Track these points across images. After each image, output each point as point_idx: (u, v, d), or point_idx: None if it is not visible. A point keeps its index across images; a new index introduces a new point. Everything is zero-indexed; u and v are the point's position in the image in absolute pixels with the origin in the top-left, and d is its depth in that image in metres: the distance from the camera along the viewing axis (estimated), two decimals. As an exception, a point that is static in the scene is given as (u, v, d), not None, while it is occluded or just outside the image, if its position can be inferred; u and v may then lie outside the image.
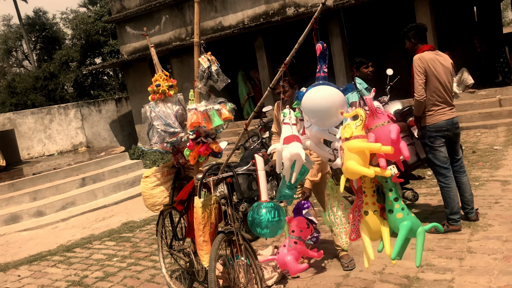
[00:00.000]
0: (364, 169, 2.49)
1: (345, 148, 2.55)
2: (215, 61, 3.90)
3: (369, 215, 2.72)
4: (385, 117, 2.67)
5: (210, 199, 3.74)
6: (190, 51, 15.25)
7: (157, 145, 4.06)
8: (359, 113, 2.58)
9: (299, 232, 3.25)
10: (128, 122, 18.44)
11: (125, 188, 10.22)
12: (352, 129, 2.56)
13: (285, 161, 2.87)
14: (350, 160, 2.52)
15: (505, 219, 4.99)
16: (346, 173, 2.59)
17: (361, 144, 2.54)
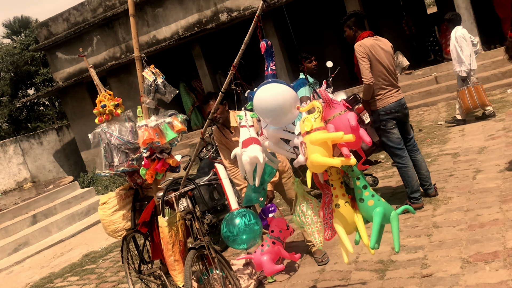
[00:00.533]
0: (329, 160, 2.46)
1: (307, 141, 2.51)
2: (159, 74, 3.78)
3: (341, 207, 2.69)
4: (341, 106, 2.66)
5: (175, 216, 3.61)
6: (127, 69, 14.97)
7: (123, 165, 3.87)
8: (316, 106, 2.55)
9: (279, 233, 3.17)
10: (73, 150, 17.76)
11: (80, 218, 9.80)
12: (311, 122, 2.52)
13: (246, 166, 2.80)
14: (314, 153, 2.48)
15: (462, 190, 5.14)
16: (311, 167, 2.55)
17: (323, 135, 2.50)
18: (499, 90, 9.62)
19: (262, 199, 3.12)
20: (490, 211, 4.42)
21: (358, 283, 3.94)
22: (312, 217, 3.10)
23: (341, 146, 2.56)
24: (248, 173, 2.84)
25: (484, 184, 5.10)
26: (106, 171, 4.03)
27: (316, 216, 3.08)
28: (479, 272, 3.51)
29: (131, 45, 14.72)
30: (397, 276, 3.85)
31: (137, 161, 3.98)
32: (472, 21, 10.50)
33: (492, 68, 10.22)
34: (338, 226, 2.70)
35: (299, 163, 2.77)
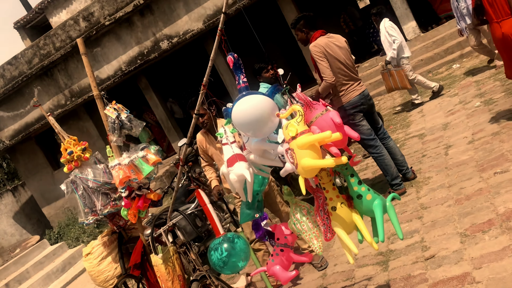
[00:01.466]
0: (322, 162, 2.40)
1: (295, 147, 2.44)
2: (123, 109, 3.64)
3: (337, 209, 2.63)
4: (321, 106, 2.62)
5: (168, 252, 3.44)
6: (75, 115, 14.53)
7: (106, 207, 3.67)
8: (296, 109, 2.49)
9: (284, 239, 3.08)
10: (32, 208, 16.99)
11: (56, 277, 9.30)
12: (295, 126, 2.46)
13: (235, 184, 2.70)
14: (304, 157, 2.41)
15: (439, 167, 5.22)
16: (303, 172, 2.47)
17: (310, 137, 2.44)
18: (445, 67, 9.95)
19: (258, 215, 3.03)
20: (471, 182, 4.49)
21: (364, 280, 3.89)
22: (307, 223, 2.99)
23: (329, 146, 2.51)
24: (239, 190, 2.74)
25: (458, 158, 5.20)
26: (90, 217, 3.81)
27: (311, 222, 2.98)
28: (479, 243, 3.53)
29: (74, 90, 14.33)
30: (401, 264, 3.82)
31: (119, 200, 3.79)
32: (406, 7, 10.86)
33: (433, 48, 10.58)
34: (338, 229, 2.64)
35: (286, 172, 2.68)
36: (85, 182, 3.67)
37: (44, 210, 16.02)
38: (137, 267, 3.72)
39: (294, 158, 2.45)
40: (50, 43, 14.14)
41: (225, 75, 12.74)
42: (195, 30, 12.17)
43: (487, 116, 5.98)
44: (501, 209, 3.78)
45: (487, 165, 4.66)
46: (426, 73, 10.24)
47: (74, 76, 14.17)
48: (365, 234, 2.61)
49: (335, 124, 2.49)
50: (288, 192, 2.98)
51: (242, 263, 3.11)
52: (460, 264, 3.40)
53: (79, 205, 3.73)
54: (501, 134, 5.19)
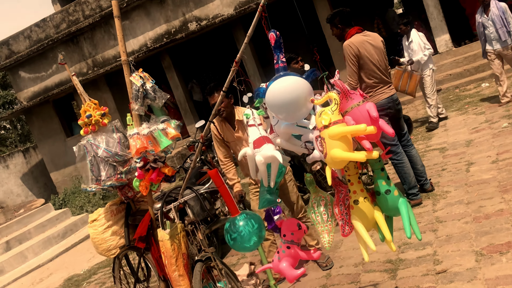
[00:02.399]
0: (352, 155, 2.30)
1: (326, 136, 2.34)
2: (148, 78, 3.55)
3: (360, 203, 2.53)
4: (359, 97, 2.51)
5: (176, 228, 3.37)
6: (95, 84, 14.53)
7: (110, 179, 3.59)
8: (332, 97, 2.39)
9: (291, 236, 2.97)
10: (41, 172, 17.08)
11: (57, 241, 9.33)
12: (329, 115, 2.36)
13: (260, 166, 2.60)
14: (335, 148, 2.31)
15: (458, 183, 5.08)
16: (331, 163, 2.38)
17: (343, 129, 2.34)
18: (474, 85, 9.74)
19: (280, 200, 2.93)
20: (492, 202, 4.35)
21: (370, 285, 3.78)
22: (322, 216, 2.89)
23: (361, 139, 2.40)
24: (263, 174, 2.64)
25: (480, 176, 5.05)
26: (93, 186, 3.75)
27: (326, 215, 2.88)
28: (496, 264, 3.40)
29: (97, 60, 14.33)
30: (410, 274, 3.71)
31: (126, 175, 3.72)
32: (441, 19, 10.64)
33: (464, 63, 10.36)
34: (357, 223, 2.54)
35: (314, 159, 2.60)
36: (95, 149, 3.60)
37: (52, 175, 16.09)
38: (142, 240, 3.65)
39: (324, 147, 2.35)
40: (79, 10, 14.14)
41: (249, 65, 12.63)
42: (225, 15, 12.06)
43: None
44: (522, 233, 3.65)
45: (511, 186, 4.51)
46: (453, 88, 10.04)
47: (99, 46, 14.16)
48: (386, 232, 2.51)
49: (371, 117, 2.39)
50: (310, 180, 2.88)
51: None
52: (473, 282, 3.28)
53: (88, 170, 3.66)
54: (528, 158, 5.04)
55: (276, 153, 2.52)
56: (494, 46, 7.55)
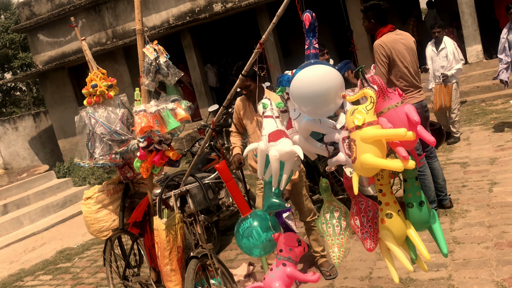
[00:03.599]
0: (388, 162, 1.99)
1: (357, 138, 2.03)
2: (163, 52, 3.27)
3: (394, 217, 2.22)
4: (397, 97, 2.20)
5: (174, 218, 3.09)
6: (112, 56, 14.28)
7: (104, 157, 3.33)
8: (368, 94, 2.07)
9: (288, 252, 2.59)
10: (49, 138, 16.93)
11: (55, 211, 9.14)
12: (364, 114, 2.04)
13: (273, 162, 2.30)
14: (366, 153, 2.00)
15: (480, 203, 4.75)
16: (360, 169, 2.07)
17: (380, 131, 2.03)
18: (501, 100, 9.32)
19: (289, 205, 2.62)
20: (517, 228, 4.03)
21: (376, 304, 3.49)
22: (334, 228, 2.58)
23: (396, 145, 2.09)
24: (275, 172, 2.34)
25: (504, 198, 4.72)
26: (86, 161, 3.48)
27: (339, 227, 2.56)
28: (518, 299, 3.10)
29: (118, 31, 14.06)
30: (421, 297, 3.41)
31: (121, 156, 3.45)
32: (475, 28, 10.20)
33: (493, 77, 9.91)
34: (390, 240, 2.22)
35: (337, 163, 2.29)
36: (94, 123, 3.33)
37: (60, 142, 15.95)
38: (137, 225, 3.39)
39: (353, 151, 2.04)
40: (104, -21, 13.85)
41: (270, 52, 12.27)
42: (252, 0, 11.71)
43: (543, 162, 5.47)
44: (549, 268, 3.33)
45: (538, 214, 4.18)
46: (480, 101, 9.63)
47: (121, 18, 13.89)
48: (424, 250, 2.21)
49: (410, 121, 2.08)
50: (326, 186, 2.57)
51: None
52: (491, 317, 2.98)
53: (84, 144, 3.39)
54: (558, 185, 4.69)
55: (297, 148, 2.21)
56: None
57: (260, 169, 2.55)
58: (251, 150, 2.57)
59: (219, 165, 2.73)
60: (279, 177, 2.40)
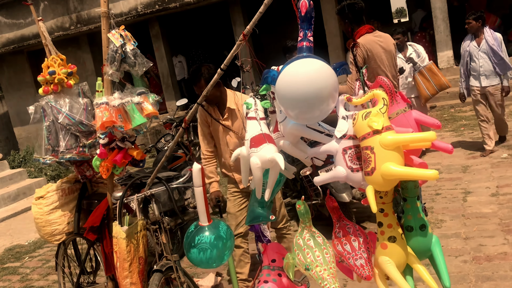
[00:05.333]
0: (420, 171, 1.74)
1: (376, 145, 1.77)
2: (130, 39, 2.94)
3: (398, 241, 1.97)
4: (403, 101, 1.97)
5: (136, 225, 2.77)
6: (76, 42, 13.63)
7: (70, 151, 2.97)
8: (380, 96, 1.82)
9: (282, 261, 2.33)
10: (4, 125, 16.07)
11: (6, 203, 8.56)
12: (381, 117, 1.79)
13: (255, 171, 2.02)
14: (389, 161, 1.75)
15: (455, 212, 4.63)
16: (379, 182, 1.79)
17: (408, 136, 1.81)
18: (470, 107, 9.31)
19: (274, 217, 2.34)
20: (494, 241, 3.91)
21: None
22: (325, 256, 2.18)
23: (411, 153, 1.89)
24: (257, 181, 2.06)
25: (478, 209, 4.61)
26: (48, 157, 3.12)
27: (329, 255, 2.20)
28: (501, 319, 2.94)
29: (82, 16, 13.41)
30: (399, 315, 3.20)
31: (89, 149, 3.10)
32: (448, 34, 10.20)
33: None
34: (391, 268, 1.96)
35: (333, 179, 1.98)
36: (56, 114, 2.97)
37: (15, 130, 15.16)
38: (94, 231, 3.05)
39: (370, 161, 1.77)
40: (70, -41, 13.18)
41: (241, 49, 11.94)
42: (224, -8, 11.37)
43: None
44: (531, 286, 3.20)
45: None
46: (449, 107, 9.64)
47: (86, 2, 13.25)
48: (428, 280, 1.97)
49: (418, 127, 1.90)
50: (305, 210, 2.18)
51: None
52: None
53: (43, 137, 3.02)
54: (532, 197, 4.62)
55: (278, 156, 1.93)
56: (482, 83, 6.14)
57: (245, 177, 2.27)
58: (237, 157, 2.28)
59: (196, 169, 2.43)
60: (263, 187, 2.13)
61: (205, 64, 3.40)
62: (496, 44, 6.00)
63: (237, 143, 3.45)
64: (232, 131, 3.43)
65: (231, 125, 3.43)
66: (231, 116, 3.44)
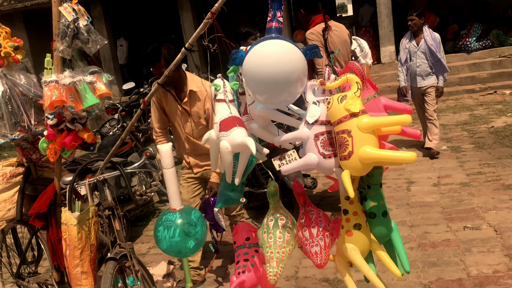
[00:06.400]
0: (399, 154, 1.74)
1: (354, 128, 1.75)
2: (84, 14, 2.75)
3: (363, 228, 1.98)
4: (372, 88, 1.97)
5: (88, 212, 2.62)
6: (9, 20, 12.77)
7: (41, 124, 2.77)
8: (354, 80, 1.81)
9: (255, 238, 2.33)
10: None
11: None
12: (358, 100, 1.78)
13: (225, 155, 1.95)
14: (367, 144, 1.74)
15: (400, 201, 4.79)
16: (356, 167, 1.77)
17: (385, 119, 1.83)
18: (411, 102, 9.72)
19: (245, 200, 2.28)
20: (438, 229, 4.07)
21: (302, 307, 3.30)
22: (276, 239, 2.21)
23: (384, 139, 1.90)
24: (227, 166, 1.99)
25: (422, 198, 4.80)
26: (16, 132, 2.85)
27: (282, 239, 2.21)
28: (447, 303, 3.07)
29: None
30: (351, 300, 3.27)
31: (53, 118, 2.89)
32: (391, 29, 10.52)
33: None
34: (356, 256, 1.97)
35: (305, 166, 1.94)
36: (13, 86, 2.75)
37: None
38: (40, 217, 2.85)
39: (347, 145, 1.75)
40: None
41: (188, 34, 11.72)
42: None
43: (454, 163, 5.68)
44: (473, 271, 3.36)
45: (456, 215, 4.27)
46: (391, 100, 9.97)
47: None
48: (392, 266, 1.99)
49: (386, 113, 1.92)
50: (274, 190, 2.23)
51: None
52: (424, 323, 2.91)
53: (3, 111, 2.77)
54: (471, 187, 4.85)
55: (248, 141, 1.88)
56: (418, 83, 6.08)
57: (214, 161, 2.19)
58: (207, 140, 2.20)
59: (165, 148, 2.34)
60: (234, 171, 2.06)
61: (164, 44, 3.27)
62: (434, 45, 5.94)
63: (193, 127, 3.36)
64: (190, 115, 3.34)
65: (190, 108, 3.33)
66: (190, 100, 3.33)
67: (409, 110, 1.97)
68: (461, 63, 10.16)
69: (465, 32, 10.46)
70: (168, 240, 2.38)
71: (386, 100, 2.02)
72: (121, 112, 6.71)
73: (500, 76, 9.47)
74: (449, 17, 11.30)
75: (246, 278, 2.16)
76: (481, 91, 9.29)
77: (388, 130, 1.88)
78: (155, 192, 5.19)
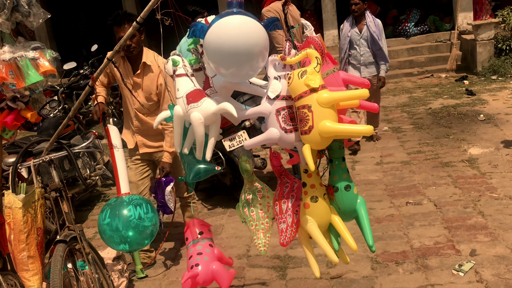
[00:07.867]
0: (356, 128, 1.80)
1: (314, 103, 1.77)
2: (24, -15, 2.58)
3: (319, 201, 2.01)
4: (331, 62, 2.00)
5: (34, 194, 2.50)
6: None
7: None
8: (314, 55, 1.82)
9: (209, 232, 2.36)
10: None
11: None
12: (318, 76, 1.79)
13: (197, 128, 1.92)
14: (326, 119, 1.76)
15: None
16: (316, 141, 1.80)
17: (344, 93, 1.85)
18: (353, 84, 9.99)
19: (220, 168, 2.26)
20: (382, 205, 4.25)
21: (256, 283, 3.35)
22: (258, 211, 2.26)
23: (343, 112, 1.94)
24: (199, 139, 1.94)
25: (366, 176, 4.97)
26: None
27: (263, 211, 2.26)
28: (393, 274, 3.22)
29: None
30: (301, 276, 3.36)
31: None
32: (334, 13, 10.69)
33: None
34: (313, 228, 2.01)
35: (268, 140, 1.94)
36: None
37: None
38: (-21, 201, 2.69)
39: (307, 119, 1.76)
40: None
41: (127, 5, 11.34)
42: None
43: (395, 143, 5.90)
44: (416, 243, 3.53)
45: (398, 192, 4.46)
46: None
47: None
48: (349, 240, 2.02)
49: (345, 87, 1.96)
50: (246, 165, 2.25)
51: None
52: (371, 293, 3.04)
53: None
54: (411, 165, 5.08)
55: (227, 105, 1.86)
56: (362, 73, 5.75)
57: (178, 140, 2.13)
58: (163, 119, 2.14)
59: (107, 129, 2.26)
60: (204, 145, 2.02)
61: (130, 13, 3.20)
62: (377, 32, 5.67)
63: (143, 101, 3.28)
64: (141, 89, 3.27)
65: (142, 82, 3.26)
66: (143, 73, 3.25)
67: (367, 84, 2.03)
68: (400, 47, 10.52)
69: (404, 17, 10.81)
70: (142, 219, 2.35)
71: (345, 74, 2.06)
72: (61, 94, 6.41)
73: (437, 60, 9.89)
74: (389, 2, 11.63)
75: (200, 271, 2.17)
76: (419, 75, 9.66)
77: (346, 104, 1.93)
78: (99, 176, 5.05)
